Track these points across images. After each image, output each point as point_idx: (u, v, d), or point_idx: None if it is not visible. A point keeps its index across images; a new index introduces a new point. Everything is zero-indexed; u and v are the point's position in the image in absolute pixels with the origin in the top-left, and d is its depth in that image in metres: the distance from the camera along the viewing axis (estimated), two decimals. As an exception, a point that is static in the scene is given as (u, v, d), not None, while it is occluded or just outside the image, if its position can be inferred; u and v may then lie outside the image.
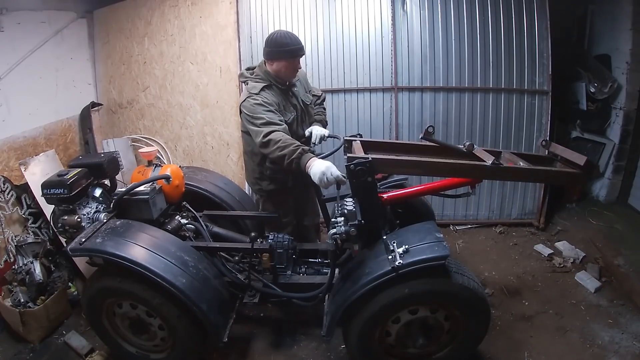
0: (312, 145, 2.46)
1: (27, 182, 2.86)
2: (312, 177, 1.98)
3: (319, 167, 1.95)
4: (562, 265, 3.16)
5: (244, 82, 2.45)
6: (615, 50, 3.88)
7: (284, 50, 2.25)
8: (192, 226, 2.54)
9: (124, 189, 2.35)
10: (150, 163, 2.61)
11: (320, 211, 2.71)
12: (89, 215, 2.28)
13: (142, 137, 4.05)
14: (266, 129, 2.13)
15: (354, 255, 2.13)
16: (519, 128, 3.67)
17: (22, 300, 2.60)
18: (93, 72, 4.05)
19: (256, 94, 2.25)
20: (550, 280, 3.00)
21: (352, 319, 2.01)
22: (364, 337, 2.03)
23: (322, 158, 2.13)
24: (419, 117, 3.71)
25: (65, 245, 2.48)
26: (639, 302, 2.66)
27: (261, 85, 2.30)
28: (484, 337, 2.10)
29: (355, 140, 2.39)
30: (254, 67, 2.45)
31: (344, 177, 1.99)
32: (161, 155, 3.97)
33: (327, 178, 1.95)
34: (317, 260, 2.58)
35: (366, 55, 3.68)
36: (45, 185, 2.17)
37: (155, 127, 4.04)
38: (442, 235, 1.95)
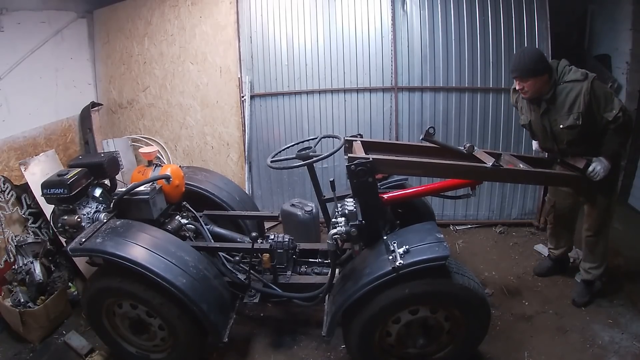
0: (313, 149, 2.41)
1: (27, 182, 2.86)
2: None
3: None
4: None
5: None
6: (615, 50, 3.88)
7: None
8: (192, 226, 2.54)
9: (124, 189, 2.35)
10: (150, 163, 2.60)
11: None
12: (89, 215, 2.28)
13: (142, 137, 4.05)
14: None
15: (355, 256, 2.13)
16: (519, 128, 3.65)
17: (22, 300, 2.60)
18: (93, 72, 4.05)
19: None
20: (550, 280, 2.99)
21: (352, 319, 2.02)
22: (364, 337, 2.04)
23: (323, 159, 2.15)
24: (419, 117, 3.71)
25: (65, 245, 2.48)
26: (639, 302, 2.66)
27: None
28: (484, 337, 2.11)
29: (355, 141, 2.39)
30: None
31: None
32: (161, 155, 3.98)
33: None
34: (317, 260, 2.59)
35: (366, 55, 3.67)
36: (45, 185, 2.17)
37: (155, 127, 4.04)
38: (442, 236, 1.95)
